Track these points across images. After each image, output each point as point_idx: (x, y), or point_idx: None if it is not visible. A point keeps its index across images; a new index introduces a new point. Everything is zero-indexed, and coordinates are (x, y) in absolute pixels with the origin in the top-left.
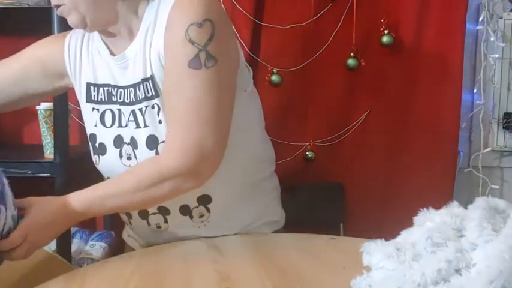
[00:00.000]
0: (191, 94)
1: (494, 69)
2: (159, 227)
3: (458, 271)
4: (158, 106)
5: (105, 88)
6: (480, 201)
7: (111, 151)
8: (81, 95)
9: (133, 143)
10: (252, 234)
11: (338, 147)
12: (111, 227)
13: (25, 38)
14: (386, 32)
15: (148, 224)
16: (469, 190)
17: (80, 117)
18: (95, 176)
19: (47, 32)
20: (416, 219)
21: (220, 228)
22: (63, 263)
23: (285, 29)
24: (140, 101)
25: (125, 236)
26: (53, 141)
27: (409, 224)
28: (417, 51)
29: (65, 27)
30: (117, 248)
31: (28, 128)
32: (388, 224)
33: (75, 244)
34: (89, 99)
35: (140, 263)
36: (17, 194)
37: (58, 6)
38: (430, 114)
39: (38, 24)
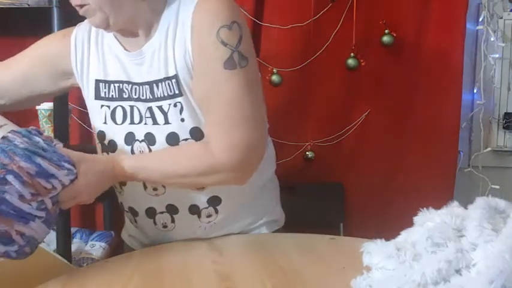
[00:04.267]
0: (231, 94)
1: (494, 69)
2: (165, 226)
3: (458, 271)
4: (181, 105)
5: (116, 85)
6: (480, 201)
7: (122, 148)
8: (88, 92)
9: (148, 139)
10: (252, 234)
11: (338, 147)
12: (111, 227)
13: (25, 38)
14: (386, 32)
15: (155, 223)
16: (469, 190)
17: (80, 117)
18: None
19: (47, 32)
20: (416, 219)
21: (224, 228)
22: (63, 263)
23: (285, 29)
24: (159, 99)
25: (124, 236)
26: None
27: (409, 224)
28: (417, 51)
29: (64, 27)
30: (117, 248)
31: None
32: (388, 224)
33: (75, 244)
34: (97, 96)
35: (140, 263)
36: None
37: (82, 6)
38: (430, 114)
39: (38, 24)
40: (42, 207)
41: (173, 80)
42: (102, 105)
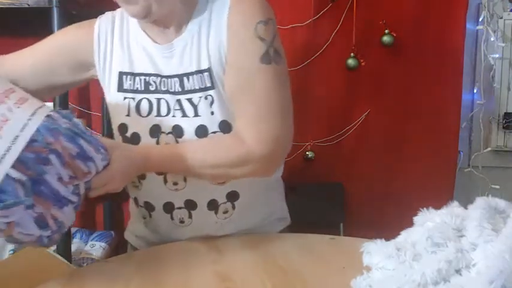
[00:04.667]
0: (265, 88)
1: (494, 69)
2: (182, 221)
3: (458, 271)
4: (212, 97)
5: (142, 77)
6: (480, 201)
7: (147, 140)
8: (110, 84)
9: (176, 132)
10: (252, 234)
11: (338, 147)
12: (111, 227)
13: (25, 38)
14: (386, 32)
15: (172, 218)
16: (469, 190)
17: (80, 117)
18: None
19: (47, 32)
20: (416, 219)
21: (238, 224)
22: (63, 263)
23: (285, 29)
24: (190, 91)
25: (130, 236)
26: None
27: (409, 224)
28: (417, 51)
29: (64, 27)
30: (117, 248)
31: None
32: (388, 224)
33: (75, 244)
34: (120, 89)
35: (140, 263)
36: None
37: None
38: (430, 114)
39: (38, 24)
40: (76, 192)
41: (206, 73)
42: (125, 97)
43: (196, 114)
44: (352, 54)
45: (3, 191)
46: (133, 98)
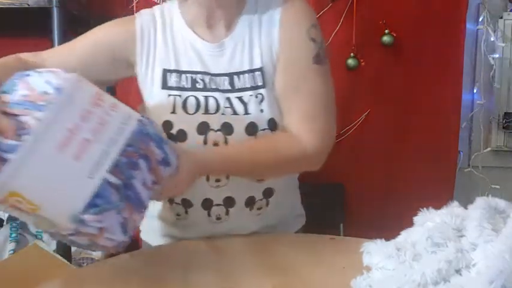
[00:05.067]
0: (316, 88)
1: (494, 69)
2: (218, 218)
3: (458, 271)
4: (262, 96)
5: (189, 75)
6: (480, 201)
7: (194, 137)
8: (153, 81)
9: (225, 129)
10: (252, 234)
11: (338, 147)
12: None
13: (25, 38)
14: (386, 32)
15: (209, 215)
16: (469, 190)
17: None
18: None
19: (47, 32)
20: (416, 219)
21: (266, 220)
22: (63, 263)
23: None
24: (240, 90)
25: (148, 235)
26: None
27: (409, 224)
28: (417, 51)
29: (65, 27)
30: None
31: None
32: (388, 224)
33: None
34: (164, 86)
35: (140, 263)
36: None
37: None
38: (430, 114)
39: (38, 24)
40: (151, 197)
41: (257, 72)
42: (169, 95)
43: (246, 112)
44: (352, 54)
45: (100, 195)
46: (179, 95)
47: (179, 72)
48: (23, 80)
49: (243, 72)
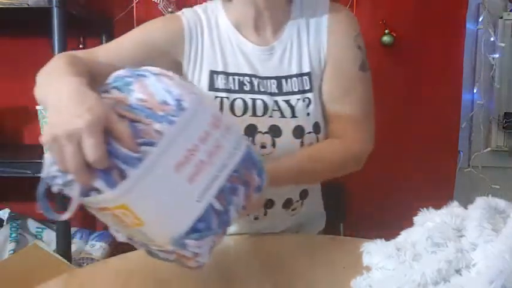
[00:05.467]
0: (363, 94)
1: (494, 69)
2: (256, 218)
3: (458, 271)
4: (309, 100)
5: (236, 77)
6: (480, 201)
7: None
8: (199, 83)
9: (273, 131)
10: (252, 234)
11: None
12: None
13: (25, 38)
14: (386, 32)
15: (248, 214)
16: (469, 190)
17: None
18: None
19: (47, 32)
20: (416, 219)
21: (297, 220)
22: (63, 263)
23: None
24: (288, 93)
25: None
26: None
27: (409, 224)
28: (417, 51)
29: (65, 27)
30: (117, 248)
31: (28, 128)
32: (388, 224)
33: (75, 244)
34: (211, 87)
35: (140, 263)
36: (17, 194)
37: None
38: (430, 114)
39: (38, 24)
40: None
41: (305, 77)
42: (216, 96)
43: (293, 115)
44: None
45: (203, 220)
46: (227, 97)
47: (226, 74)
48: (139, 80)
49: (291, 76)
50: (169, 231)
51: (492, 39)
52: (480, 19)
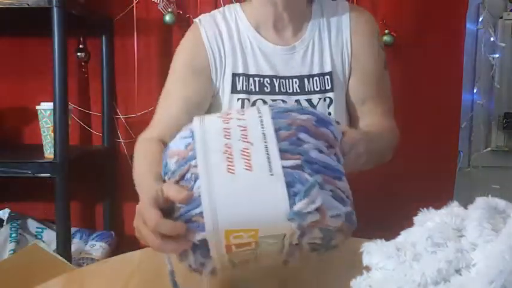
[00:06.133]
0: (388, 90)
1: (495, 69)
2: None
3: (458, 271)
4: (330, 99)
5: (257, 78)
6: (480, 201)
7: None
8: (224, 86)
9: None
10: None
11: None
12: (111, 227)
13: (25, 38)
14: (386, 32)
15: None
16: (469, 190)
17: (80, 117)
18: (95, 176)
19: (47, 32)
20: (416, 219)
21: None
22: (63, 263)
23: None
24: (310, 92)
25: None
26: (53, 141)
27: (409, 224)
28: (417, 51)
29: (65, 27)
30: (117, 248)
31: (28, 128)
32: (388, 224)
33: (75, 244)
34: (234, 90)
35: (140, 263)
36: (17, 194)
37: None
38: (430, 114)
39: (38, 24)
40: (339, 161)
41: (327, 76)
42: (238, 99)
43: None
44: None
45: (291, 183)
46: (248, 99)
47: (247, 76)
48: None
49: (313, 76)
50: (278, 215)
51: (492, 39)
52: (480, 19)
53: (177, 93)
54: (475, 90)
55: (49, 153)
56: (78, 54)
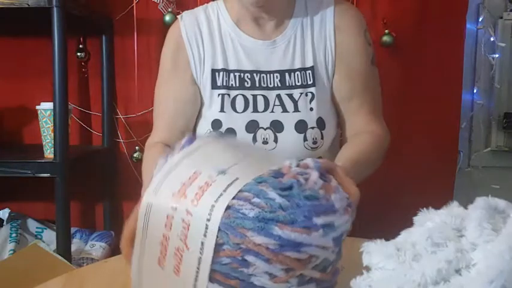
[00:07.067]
0: (376, 87)
1: (495, 69)
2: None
3: (458, 271)
4: (312, 94)
5: (237, 74)
6: (480, 201)
7: (242, 136)
8: (205, 82)
9: (275, 126)
10: None
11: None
12: (111, 227)
13: (25, 38)
14: (386, 32)
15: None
16: (469, 190)
17: (80, 117)
18: (95, 176)
19: (47, 32)
20: (416, 219)
21: None
22: (63, 263)
23: None
24: (291, 87)
25: None
26: (53, 141)
27: (409, 224)
28: (417, 51)
29: (65, 27)
30: (117, 248)
31: (28, 128)
32: (388, 224)
33: (75, 244)
34: (214, 86)
35: None
36: (17, 194)
37: None
38: (430, 114)
39: (38, 24)
40: (307, 280)
41: (308, 71)
42: (219, 94)
43: (296, 110)
44: None
45: None
46: (228, 94)
47: (227, 71)
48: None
49: (295, 70)
50: None
51: (492, 39)
52: (480, 19)
53: (166, 96)
54: (475, 90)
55: (49, 153)
56: (78, 54)
